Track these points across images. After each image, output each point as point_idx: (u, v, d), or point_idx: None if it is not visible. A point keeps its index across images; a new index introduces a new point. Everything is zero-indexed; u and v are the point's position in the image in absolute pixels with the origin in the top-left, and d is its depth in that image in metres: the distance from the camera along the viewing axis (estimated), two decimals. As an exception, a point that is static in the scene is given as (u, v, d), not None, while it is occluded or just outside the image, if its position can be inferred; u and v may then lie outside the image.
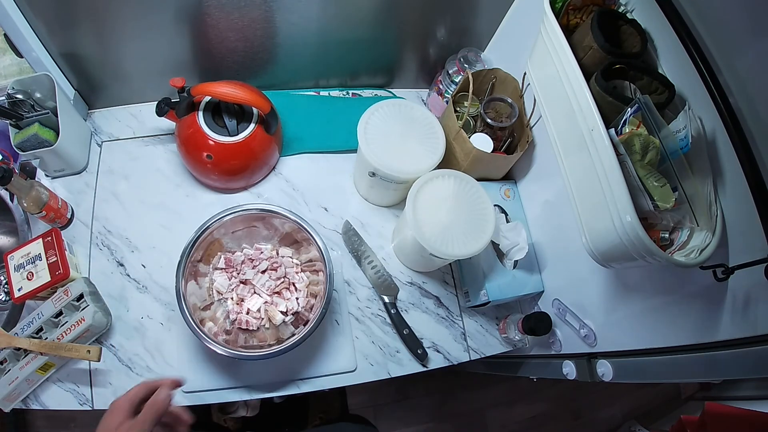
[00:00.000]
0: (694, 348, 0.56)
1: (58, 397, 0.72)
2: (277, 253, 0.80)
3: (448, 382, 1.55)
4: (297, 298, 0.77)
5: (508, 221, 0.86)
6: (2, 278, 0.80)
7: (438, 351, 0.84)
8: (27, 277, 0.70)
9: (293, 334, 0.71)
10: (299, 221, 0.73)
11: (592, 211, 0.55)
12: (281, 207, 0.74)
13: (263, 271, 0.77)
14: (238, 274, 0.77)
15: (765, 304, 0.47)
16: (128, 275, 0.80)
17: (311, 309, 0.75)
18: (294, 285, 0.78)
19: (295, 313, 0.76)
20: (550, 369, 0.86)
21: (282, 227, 0.78)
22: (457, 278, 0.89)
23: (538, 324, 0.76)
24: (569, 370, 0.78)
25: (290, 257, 0.80)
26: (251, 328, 0.74)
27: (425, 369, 0.82)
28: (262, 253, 0.79)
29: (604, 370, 0.70)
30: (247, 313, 0.75)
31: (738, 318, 0.50)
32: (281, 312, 0.75)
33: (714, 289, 0.51)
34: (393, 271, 0.87)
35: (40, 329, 0.70)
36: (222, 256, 0.77)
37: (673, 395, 1.66)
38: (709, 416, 1.05)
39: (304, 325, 0.71)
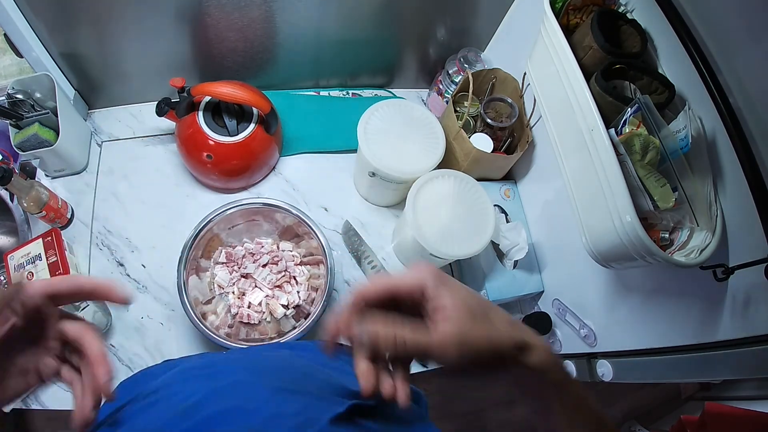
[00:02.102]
0: (694, 348, 0.56)
1: (58, 397, 0.71)
2: (278, 247, 0.80)
3: (449, 383, 1.55)
4: (298, 292, 0.77)
5: (508, 221, 0.86)
6: (2, 278, 0.80)
7: (438, 351, 0.84)
8: (27, 277, 0.70)
9: (294, 328, 0.71)
10: (300, 215, 0.73)
11: (592, 211, 0.55)
12: (282, 201, 0.74)
13: (264, 265, 0.77)
14: (239, 268, 0.77)
15: (765, 304, 0.47)
16: (128, 275, 0.80)
17: (312, 302, 0.75)
18: (295, 278, 0.78)
19: (296, 307, 0.76)
20: (550, 369, 0.85)
21: (283, 221, 0.78)
22: (457, 278, 0.89)
23: (538, 324, 0.76)
24: (569, 370, 0.78)
25: (291, 251, 0.80)
26: (253, 321, 0.75)
27: (425, 369, 0.82)
28: (262, 247, 0.79)
29: (604, 370, 0.70)
30: (249, 307, 0.75)
31: (738, 318, 0.50)
32: (282, 305, 0.75)
33: (714, 289, 0.51)
34: (393, 271, 0.87)
35: (40, 329, 0.70)
36: (223, 251, 0.78)
37: (673, 395, 1.66)
38: (709, 416, 1.05)
39: (305, 318, 0.71)
